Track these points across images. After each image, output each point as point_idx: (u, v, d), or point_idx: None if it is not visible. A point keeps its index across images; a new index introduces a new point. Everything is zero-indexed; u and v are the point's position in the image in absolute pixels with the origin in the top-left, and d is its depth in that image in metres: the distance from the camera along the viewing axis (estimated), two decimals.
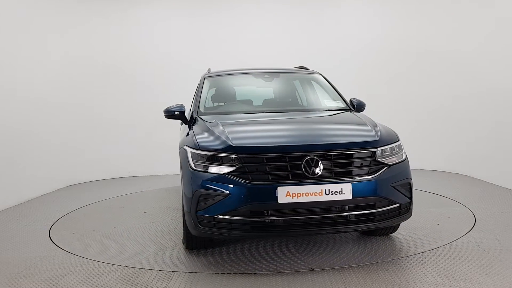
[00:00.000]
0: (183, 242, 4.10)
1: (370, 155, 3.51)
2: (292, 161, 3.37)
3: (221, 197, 3.34)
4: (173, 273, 3.54)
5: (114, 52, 8.19)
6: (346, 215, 3.39)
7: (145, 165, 8.29)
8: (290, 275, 3.42)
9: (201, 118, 4.35)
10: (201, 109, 4.68)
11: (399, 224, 4.14)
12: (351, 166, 3.46)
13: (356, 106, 4.72)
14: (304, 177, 3.34)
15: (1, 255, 4.17)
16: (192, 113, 4.66)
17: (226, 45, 8.37)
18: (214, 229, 3.43)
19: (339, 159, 3.45)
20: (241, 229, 3.38)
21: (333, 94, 4.99)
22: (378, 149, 3.55)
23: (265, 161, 3.40)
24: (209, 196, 3.39)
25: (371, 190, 3.42)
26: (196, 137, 3.79)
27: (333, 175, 3.39)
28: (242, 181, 3.33)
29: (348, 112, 4.55)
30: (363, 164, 3.47)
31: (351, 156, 3.48)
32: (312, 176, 3.33)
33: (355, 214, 3.41)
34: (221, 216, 3.36)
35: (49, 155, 7.20)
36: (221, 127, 3.82)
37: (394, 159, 3.63)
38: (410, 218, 4.80)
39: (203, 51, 8.28)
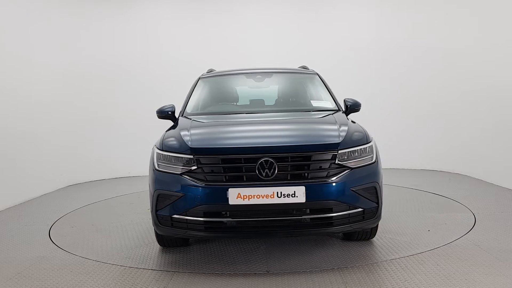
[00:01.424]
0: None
1: (330, 158, 3.42)
2: (247, 163, 3.37)
3: (176, 198, 3.42)
4: (173, 273, 3.54)
5: (115, 53, 8.20)
6: (301, 219, 3.36)
7: (145, 165, 8.25)
8: (289, 275, 3.42)
9: (183, 119, 4.42)
10: (188, 110, 4.74)
11: (377, 229, 4.03)
12: (308, 168, 3.40)
13: (350, 107, 4.62)
14: (257, 179, 3.32)
15: (1, 255, 4.16)
16: (179, 113, 4.72)
17: (227, 45, 8.38)
18: (172, 229, 3.53)
19: (295, 161, 3.40)
20: (196, 229, 3.44)
21: (325, 95, 4.91)
22: (340, 151, 3.45)
23: (220, 162, 3.43)
24: (166, 196, 3.49)
25: (327, 194, 3.35)
26: (164, 138, 3.88)
27: (288, 178, 3.35)
28: (196, 182, 3.39)
29: (330, 113, 4.39)
30: (322, 167, 3.40)
31: (308, 158, 3.41)
32: (265, 178, 3.32)
33: (311, 218, 3.37)
34: (177, 216, 3.43)
35: (49, 155, 7.20)
36: (187, 129, 3.88)
37: (359, 162, 3.52)
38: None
39: (205, 51, 8.30)
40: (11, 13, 6.46)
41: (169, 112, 4.59)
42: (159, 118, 4.67)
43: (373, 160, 3.62)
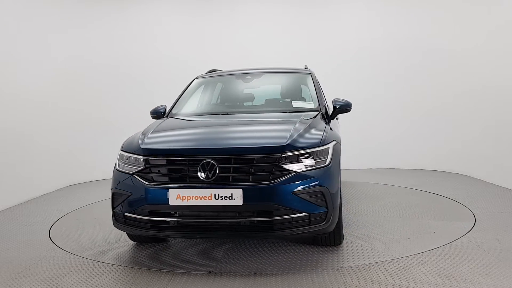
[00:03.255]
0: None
1: (273, 160, 3.37)
2: (190, 165, 3.43)
3: (126, 196, 3.58)
4: (173, 273, 3.54)
5: (114, 54, 8.20)
6: (239, 221, 3.35)
7: None
8: (289, 275, 3.42)
9: (159, 120, 4.59)
10: (174, 111, 4.87)
11: (340, 234, 3.92)
12: (250, 171, 3.37)
13: (339, 107, 4.55)
14: (198, 181, 3.37)
15: (1, 255, 4.16)
16: (166, 113, 4.84)
17: (227, 45, 8.38)
18: (125, 226, 3.67)
19: (237, 163, 3.40)
20: (143, 228, 3.56)
21: (312, 95, 4.87)
22: (284, 154, 3.40)
23: (165, 163, 3.52)
24: (119, 195, 3.67)
25: (266, 197, 3.30)
26: (129, 138, 4.04)
27: (230, 180, 3.36)
28: (143, 182, 3.50)
29: (302, 114, 4.28)
30: (265, 170, 3.36)
31: (250, 161, 3.39)
32: (205, 180, 3.35)
33: (250, 221, 3.34)
34: (128, 214, 3.58)
35: (49, 155, 7.20)
36: (149, 130, 4.05)
37: (308, 165, 3.42)
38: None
39: (205, 52, 8.30)
40: (5, 14, 6.42)
41: (162, 112, 4.78)
42: (153, 118, 4.82)
43: (325, 164, 3.51)
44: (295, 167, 3.40)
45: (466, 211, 5.09)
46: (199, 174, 3.37)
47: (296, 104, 4.80)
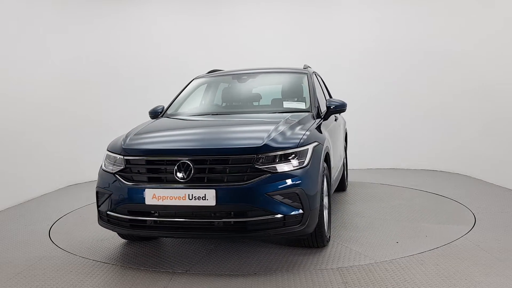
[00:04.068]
0: None
1: (247, 161, 3.38)
2: (168, 165, 3.48)
3: (108, 195, 3.67)
4: (173, 273, 3.55)
5: (113, 54, 8.21)
6: (212, 222, 3.38)
7: None
8: (290, 274, 3.42)
9: (150, 120, 4.66)
10: (169, 111, 4.92)
11: (323, 236, 3.82)
12: (225, 172, 3.39)
13: (333, 108, 4.58)
14: (173, 181, 3.42)
15: (1, 255, 4.16)
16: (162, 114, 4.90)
17: (227, 46, 8.38)
18: (108, 224, 3.73)
19: (211, 164, 3.42)
20: (123, 226, 3.64)
21: (306, 95, 4.85)
22: (259, 155, 3.39)
23: (144, 163, 3.57)
24: (101, 194, 3.76)
25: (239, 198, 3.31)
26: (115, 138, 4.09)
27: (205, 180, 3.38)
28: (123, 181, 3.56)
29: (289, 115, 4.25)
30: (240, 171, 3.37)
31: (225, 161, 3.42)
32: (181, 180, 3.39)
33: (223, 222, 3.36)
34: (110, 213, 3.66)
35: (49, 155, 7.20)
36: (134, 130, 4.10)
37: (283, 166, 3.42)
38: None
39: (205, 53, 8.30)
40: (5, 16, 6.38)
41: (159, 112, 4.86)
42: (151, 118, 4.87)
43: (303, 165, 3.49)
44: (270, 168, 3.40)
45: (466, 211, 5.09)
46: (175, 174, 3.41)
47: (287, 105, 4.80)
